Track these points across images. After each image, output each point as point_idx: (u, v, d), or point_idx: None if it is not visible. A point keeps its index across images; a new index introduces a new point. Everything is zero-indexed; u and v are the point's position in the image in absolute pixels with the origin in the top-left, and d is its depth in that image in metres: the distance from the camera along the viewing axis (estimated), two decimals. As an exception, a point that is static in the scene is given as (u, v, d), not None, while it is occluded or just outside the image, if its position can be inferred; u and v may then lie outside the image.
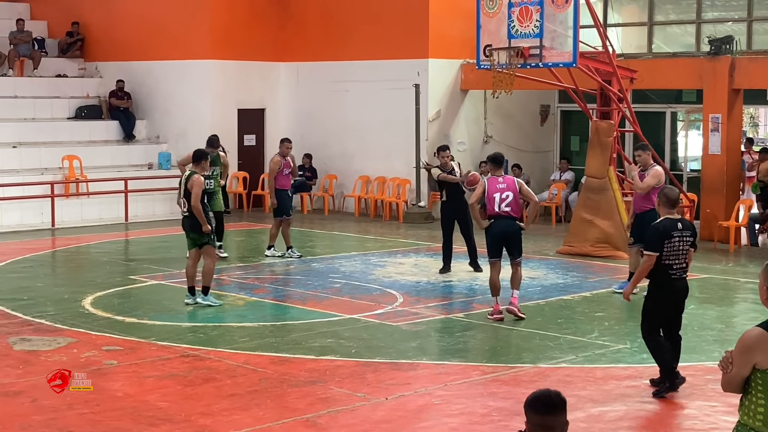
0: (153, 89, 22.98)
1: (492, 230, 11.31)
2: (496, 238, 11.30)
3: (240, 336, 10.67)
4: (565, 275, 14.48)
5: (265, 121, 23.12)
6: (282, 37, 22.93)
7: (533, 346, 10.34)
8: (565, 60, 15.76)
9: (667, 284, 8.50)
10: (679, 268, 8.51)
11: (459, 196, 14.26)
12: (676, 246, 8.44)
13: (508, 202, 11.28)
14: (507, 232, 11.28)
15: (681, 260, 8.49)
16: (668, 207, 8.57)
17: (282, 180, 15.60)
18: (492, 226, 11.30)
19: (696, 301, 12.72)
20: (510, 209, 11.28)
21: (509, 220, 11.31)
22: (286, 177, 15.64)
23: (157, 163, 22.13)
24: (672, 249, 8.43)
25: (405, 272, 14.63)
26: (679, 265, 8.50)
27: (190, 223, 12.10)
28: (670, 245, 8.43)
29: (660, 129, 20.78)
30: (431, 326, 11.30)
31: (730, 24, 19.75)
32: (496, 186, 11.35)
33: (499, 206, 11.24)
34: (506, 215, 11.28)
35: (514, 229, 11.33)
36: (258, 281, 14.03)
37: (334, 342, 10.38)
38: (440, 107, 21.09)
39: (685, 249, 8.50)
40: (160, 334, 10.64)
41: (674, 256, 8.46)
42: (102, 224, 19.98)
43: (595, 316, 11.78)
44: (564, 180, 21.13)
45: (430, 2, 20.69)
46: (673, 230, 8.45)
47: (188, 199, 12.03)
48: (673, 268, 8.47)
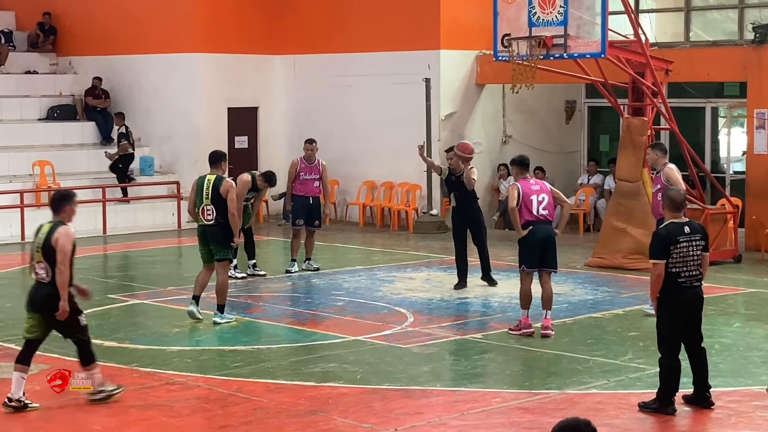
0: (134, 86, 23.03)
1: (532, 237, 11.38)
2: (536, 245, 11.40)
3: (232, 361, 10.65)
4: (595, 290, 14.46)
5: (258, 121, 23.15)
6: (277, 28, 22.97)
7: (560, 369, 10.31)
8: (592, 50, 15.76)
9: (678, 294, 8.56)
10: (689, 276, 8.59)
11: (470, 201, 14.36)
12: (685, 251, 8.53)
13: (545, 204, 11.43)
14: (549, 239, 11.41)
15: (691, 267, 8.58)
16: (673, 210, 8.72)
17: (298, 185, 15.77)
18: (532, 233, 11.37)
19: (742, 318, 12.68)
20: (547, 212, 11.43)
21: (549, 225, 11.49)
22: (305, 183, 15.74)
23: (138, 169, 22.17)
24: (680, 255, 8.52)
25: (415, 288, 14.62)
26: (689, 272, 8.58)
27: (215, 232, 12.11)
28: (678, 251, 8.50)
29: (699, 126, 20.75)
30: (445, 348, 11.28)
31: (776, 8, 19.74)
32: (530, 188, 11.47)
33: (537, 209, 11.37)
34: (545, 220, 11.42)
35: (553, 235, 11.50)
36: (252, 299, 14.02)
37: (337, 367, 10.37)
38: (454, 105, 21.11)
39: (697, 254, 8.58)
40: (143, 359, 10.64)
41: (682, 263, 8.53)
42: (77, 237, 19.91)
43: (629, 336, 11.75)
44: (592, 184, 21.11)
45: (442, -13, 20.73)
46: (680, 235, 8.54)
47: (217, 205, 12.04)
48: (682, 276, 8.54)
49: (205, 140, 21.71)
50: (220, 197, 12.10)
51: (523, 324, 11.55)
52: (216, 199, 12.10)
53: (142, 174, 22.04)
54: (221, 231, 12.13)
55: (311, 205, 15.82)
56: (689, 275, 8.58)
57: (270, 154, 22.97)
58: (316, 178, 15.84)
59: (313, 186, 15.83)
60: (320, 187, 15.95)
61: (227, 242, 12.20)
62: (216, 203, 12.10)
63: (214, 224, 12.13)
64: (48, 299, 8.84)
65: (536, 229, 11.39)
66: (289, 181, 15.84)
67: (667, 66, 17.25)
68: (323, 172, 15.94)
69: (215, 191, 12.13)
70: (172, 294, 14.20)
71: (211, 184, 12.19)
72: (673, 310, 8.61)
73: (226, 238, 12.17)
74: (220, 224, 12.12)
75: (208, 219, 12.16)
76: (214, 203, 12.10)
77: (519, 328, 11.57)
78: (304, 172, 15.79)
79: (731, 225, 16.78)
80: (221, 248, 12.17)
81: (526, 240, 11.42)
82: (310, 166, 15.85)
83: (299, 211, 15.77)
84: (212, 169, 12.42)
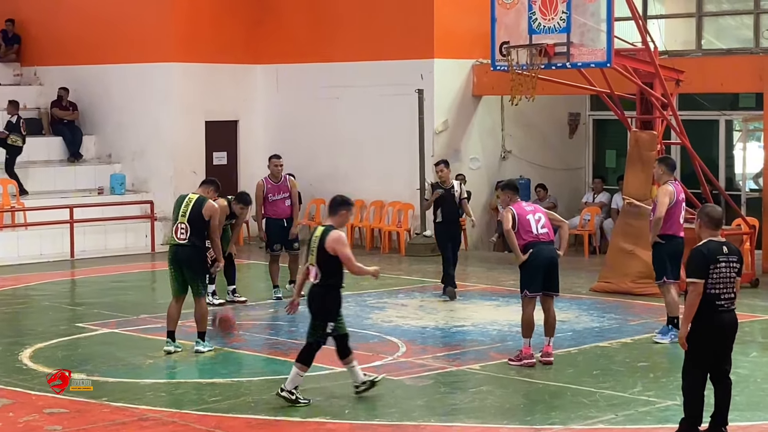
0: (104, 99, 23.03)
1: (534, 260, 11.44)
2: (540, 268, 11.47)
3: (210, 395, 10.62)
4: (602, 317, 14.47)
5: (238, 136, 23.16)
6: (258, 35, 23.02)
7: (564, 403, 10.31)
8: (597, 59, 15.82)
9: (715, 318, 8.55)
10: (727, 299, 8.59)
11: (457, 217, 15.72)
12: (724, 273, 8.55)
13: (543, 223, 11.56)
14: (552, 260, 11.51)
15: (729, 289, 8.59)
16: (712, 228, 8.74)
17: (269, 207, 15.63)
18: (534, 255, 11.43)
19: (759, 347, 12.70)
20: (547, 230, 11.56)
21: (551, 245, 11.62)
22: (275, 204, 15.63)
23: (108, 188, 22.16)
24: (719, 276, 8.52)
25: (408, 316, 14.61)
26: (728, 295, 8.59)
27: (189, 255, 12.06)
28: (717, 271, 8.52)
29: (713, 140, 20.82)
30: (440, 380, 11.26)
31: (795, 14, 19.84)
32: (524, 209, 11.62)
33: (536, 229, 11.49)
34: (546, 240, 11.54)
35: (557, 256, 11.62)
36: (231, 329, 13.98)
37: (323, 400, 10.35)
38: (448, 116, 21.15)
39: (732, 276, 8.61)
40: (114, 393, 10.60)
41: (722, 285, 8.54)
42: (43, 261, 19.96)
43: (638, 367, 11.75)
44: (598, 203, 21.16)
45: (436, -8, 20.81)
46: (719, 254, 8.56)
47: (192, 225, 12.01)
48: (722, 299, 8.54)
49: (180, 156, 21.73)
50: (199, 218, 12.07)
51: (524, 354, 11.55)
52: (194, 219, 12.07)
53: (112, 192, 22.02)
54: (195, 254, 12.10)
55: (286, 228, 15.76)
56: (727, 298, 8.59)
57: (251, 170, 22.96)
58: (286, 196, 15.73)
59: (285, 206, 15.69)
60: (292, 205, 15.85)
61: (201, 268, 12.17)
62: (192, 223, 12.06)
63: (187, 244, 12.07)
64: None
65: (538, 250, 11.43)
66: (257, 205, 15.63)
67: (678, 76, 17.32)
68: (292, 189, 15.87)
69: (196, 211, 12.09)
70: (146, 322, 14.16)
71: (192, 203, 12.16)
72: (709, 336, 8.57)
73: (200, 264, 12.16)
74: (195, 246, 12.09)
75: (181, 238, 12.08)
76: (190, 222, 12.06)
77: (520, 359, 11.57)
78: (272, 193, 15.66)
79: (747, 246, 16.81)
80: (195, 276, 12.10)
81: (528, 263, 11.46)
82: (277, 185, 15.71)
83: (274, 235, 15.72)
84: (198, 188, 12.40)
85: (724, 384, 8.79)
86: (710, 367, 8.71)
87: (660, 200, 12.56)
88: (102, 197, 21.88)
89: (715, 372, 8.74)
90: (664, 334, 12.77)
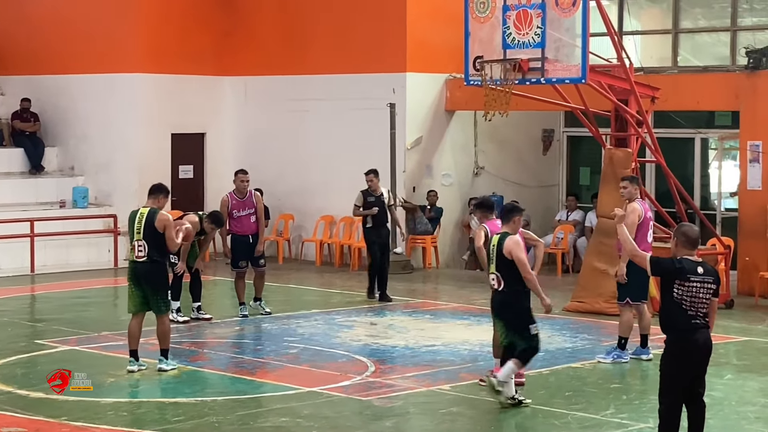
0: (67, 109, 22.94)
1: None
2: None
3: (173, 414, 10.58)
4: (574, 338, 14.50)
5: (205, 149, 23.12)
6: (227, 46, 23.00)
7: (535, 425, 10.32)
8: (572, 75, 15.88)
9: (691, 337, 8.57)
10: (700, 318, 8.61)
11: (385, 221, 17.14)
12: (695, 292, 8.58)
13: None
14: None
15: (700, 309, 8.61)
16: (688, 247, 8.77)
17: (234, 223, 15.63)
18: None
19: (733, 369, 12.76)
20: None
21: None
22: (240, 220, 15.60)
23: (71, 201, 22.05)
24: (689, 293, 8.56)
25: (377, 335, 14.60)
26: (699, 313, 8.60)
27: (148, 271, 12.03)
28: (688, 288, 8.55)
29: (688, 159, 20.95)
30: (410, 401, 11.25)
31: (771, 32, 20.01)
32: (498, 228, 11.59)
33: None
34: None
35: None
36: (195, 346, 13.95)
37: (289, 421, 10.32)
38: (421, 132, 21.18)
39: (707, 298, 8.63)
40: (74, 412, 10.53)
41: (690, 302, 8.56)
42: (2, 276, 19.84)
43: (611, 389, 11.79)
44: (572, 221, 21.23)
45: (408, 4, 20.85)
46: (693, 273, 8.58)
47: (150, 241, 11.98)
48: (694, 318, 8.56)
49: (145, 169, 21.63)
50: (154, 232, 12.04)
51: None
52: (149, 235, 12.04)
53: (75, 206, 21.91)
54: (154, 270, 12.07)
55: (252, 244, 15.73)
56: (699, 317, 8.61)
57: (218, 184, 22.88)
58: (251, 212, 15.69)
59: (250, 222, 15.67)
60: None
61: (161, 284, 12.13)
62: (149, 239, 12.04)
63: (146, 261, 12.06)
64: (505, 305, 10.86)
65: None
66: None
67: (654, 93, 17.42)
68: (258, 204, 15.85)
69: (149, 225, 12.06)
70: (108, 339, 14.09)
71: (144, 217, 12.14)
72: (685, 355, 8.60)
73: (160, 279, 12.12)
74: (154, 262, 12.07)
75: (140, 256, 12.09)
76: (146, 239, 12.05)
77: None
78: (237, 209, 15.62)
79: (722, 267, 16.89)
80: (157, 293, 12.07)
81: None
82: (242, 201, 15.69)
83: (240, 252, 15.69)
84: (148, 200, 12.36)
85: (698, 406, 8.83)
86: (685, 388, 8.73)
87: (631, 220, 12.61)
88: (64, 211, 21.77)
89: (689, 395, 8.77)
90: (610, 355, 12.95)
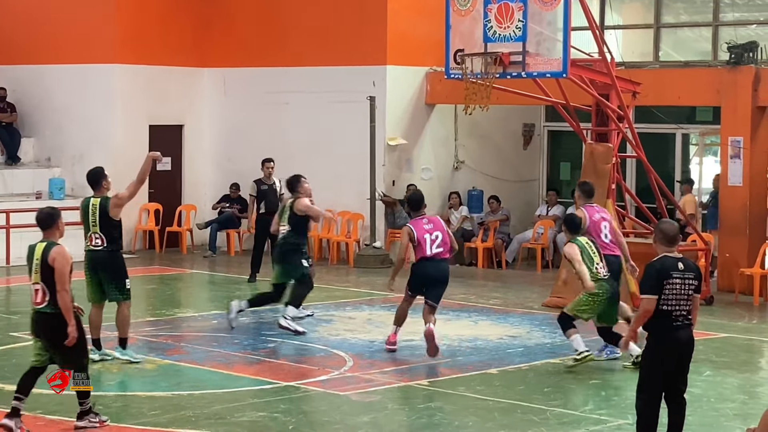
0: (43, 100, 22.86)
1: (420, 272, 12.78)
2: (425, 279, 12.82)
3: (149, 408, 10.58)
4: (553, 333, 14.52)
5: (183, 141, 23.07)
6: (206, 38, 22.95)
7: (514, 421, 10.35)
8: (553, 69, 15.91)
9: (670, 335, 8.62)
10: (680, 315, 8.65)
11: (274, 209, 16.65)
12: (678, 289, 8.62)
13: (439, 242, 12.74)
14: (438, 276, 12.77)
15: (683, 306, 8.66)
16: (666, 244, 8.81)
17: None
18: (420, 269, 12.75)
19: (712, 366, 12.82)
20: (442, 250, 12.76)
21: (441, 262, 12.80)
22: None
23: (47, 192, 21.98)
24: (673, 292, 8.60)
25: (356, 329, 14.61)
26: (681, 311, 8.65)
27: (105, 259, 12.03)
28: (671, 287, 8.59)
29: (669, 154, 21.03)
30: (388, 396, 11.29)
31: (753, 27, 20.08)
32: (422, 227, 12.77)
33: (431, 248, 12.69)
34: (438, 257, 12.76)
35: (446, 272, 12.83)
36: (172, 339, 13.93)
37: (266, 416, 10.32)
38: (401, 126, 21.18)
39: (689, 294, 8.68)
40: (49, 405, 10.51)
41: (676, 301, 8.61)
42: (-23, 267, 19.76)
43: (590, 385, 11.83)
44: (552, 216, 21.27)
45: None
46: (674, 270, 8.63)
47: (107, 231, 11.97)
48: (675, 315, 8.61)
49: (122, 161, 21.51)
50: (110, 221, 12.03)
51: (391, 340, 13.10)
52: (105, 225, 12.02)
53: (51, 197, 21.82)
54: (111, 258, 12.08)
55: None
56: (681, 314, 8.67)
57: (196, 177, 22.91)
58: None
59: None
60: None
61: (118, 273, 12.12)
62: (104, 229, 12.03)
63: (103, 249, 12.05)
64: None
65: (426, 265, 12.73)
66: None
67: (635, 88, 17.47)
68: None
69: (104, 215, 12.03)
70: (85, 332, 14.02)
71: (98, 209, 12.08)
72: (665, 353, 8.66)
73: (118, 269, 12.11)
74: (112, 251, 12.08)
75: (96, 245, 12.08)
76: (103, 230, 12.03)
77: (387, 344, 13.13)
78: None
79: (702, 263, 16.98)
80: (113, 283, 12.09)
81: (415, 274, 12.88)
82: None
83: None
84: (95, 192, 12.24)
85: (678, 404, 8.88)
86: (665, 386, 8.79)
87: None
88: (40, 202, 21.63)
89: (670, 391, 8.82)
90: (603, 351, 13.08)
